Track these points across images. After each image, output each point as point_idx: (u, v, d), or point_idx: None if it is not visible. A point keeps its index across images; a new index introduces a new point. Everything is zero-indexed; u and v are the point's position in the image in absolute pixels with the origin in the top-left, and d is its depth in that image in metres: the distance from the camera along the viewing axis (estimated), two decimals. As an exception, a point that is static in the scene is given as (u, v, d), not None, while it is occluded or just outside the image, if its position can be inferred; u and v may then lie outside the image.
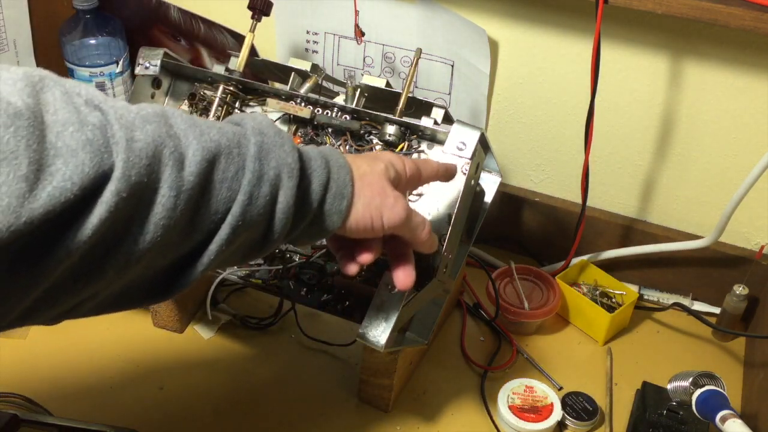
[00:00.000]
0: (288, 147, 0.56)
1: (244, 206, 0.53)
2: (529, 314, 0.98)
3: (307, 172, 0.58)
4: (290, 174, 0.56)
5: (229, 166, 0.52)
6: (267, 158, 0.55)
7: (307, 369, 0.93)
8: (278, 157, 0.55)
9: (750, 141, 0.94)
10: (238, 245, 0.55)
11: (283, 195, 0.55)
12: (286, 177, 0.55)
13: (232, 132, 0.54)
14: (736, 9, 0.80)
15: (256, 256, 0.59)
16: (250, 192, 0.53)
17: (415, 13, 1.00)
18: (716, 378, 0.80)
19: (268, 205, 0.55)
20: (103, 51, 1.18)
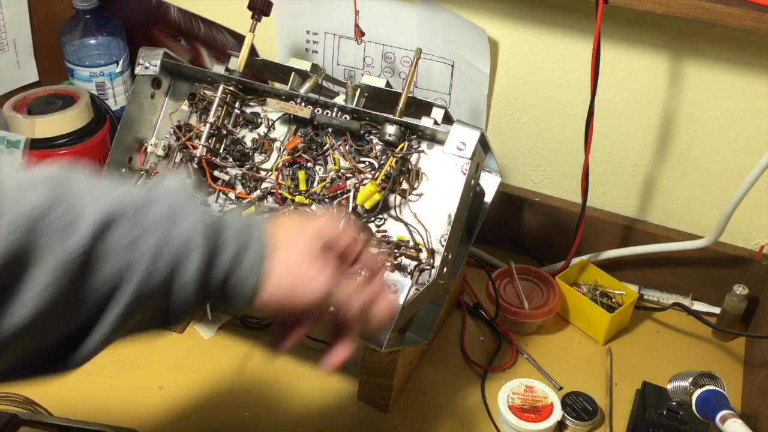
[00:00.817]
0: (198, 215, 0.51)
1: (141, 279, 0.48)
2: (529, 314, 0.98)
3: (218, 243, 0.52)
4: (197, 245, 0.50)
5: (128, 231, 0.48)
6: (174, 226, 0.50)
7: (307, 369, 0.93)
8: (187, 226, 0.50)
9: (750, 141, 0.94)
10: (137, 320, 0.50)
11: (186, 267, 0.50)
12: (191, 248, 0.50)
13: (140, 194, 0.50)
14: (736, 9, 0.80)
15: (163, 328, 0.54)
16: (150, 263, 0.48)
17: (415, 13, 1.00)
18: (716, 378, 0.80)
19: (168, 278, 0.50)
20: (103, 51, 1.18)
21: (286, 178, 0.86)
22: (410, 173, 0.82)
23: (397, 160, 0.81)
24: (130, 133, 0.90)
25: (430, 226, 0.81)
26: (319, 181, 0.85)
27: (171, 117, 0.92)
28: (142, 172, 0.91)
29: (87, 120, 1.08)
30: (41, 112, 1.04)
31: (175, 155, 0.91)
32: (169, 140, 0.91)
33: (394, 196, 0.82)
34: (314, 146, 0.86)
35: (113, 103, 1.20)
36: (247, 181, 0.88)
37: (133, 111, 0.89)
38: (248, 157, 0.89)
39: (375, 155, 0.83)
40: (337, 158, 0.84)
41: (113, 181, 0.51)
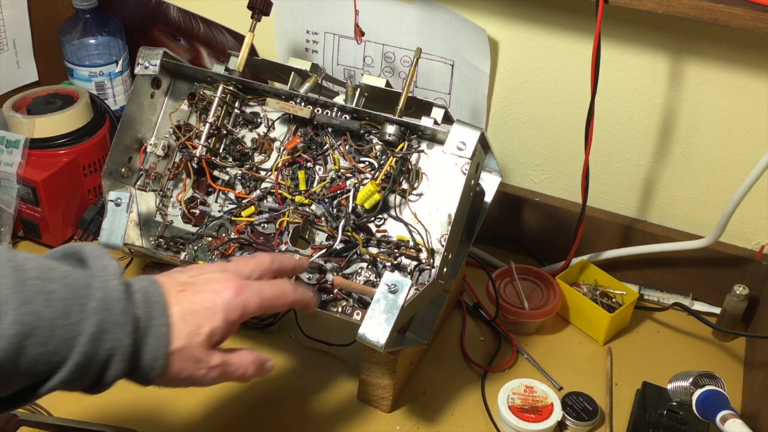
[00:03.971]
0: (130, 326, 0.55)
1: (64, 381, 0.53)
2: (529, 314, 0.98)
3: (135, 346, 0.57)
4: (123, 357, 0.55)
5: (50, 339, 0.51)
6: (104, 339, 0.54)
7: (307, 369, 0.93)
8: (115, 338, 0.55)
9: (750, 141, 0.94)
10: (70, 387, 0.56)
11: (110, 374, 0.56)
12: (118, 360, 0.55)
13: (68, 300, 0.53)
14: (737, 9, 0.80)
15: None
16: (74, 372, 0.53)
17: (415, 13, 1.00)
18: (716, 378, 0.80)
19: (92, 379, 0.55)
20: (103, 51, 1.18)
21: (286, 178, 0.86)
22: (410, 173, 0.82)
23: (397, 160, 0.81)
24: (129, 133, 0.89)
25: (430, 226, 0.81)
26: (319, 180, 0.84)
27: (171, 117, 0.92)
28: (141, 172, 0.91)
29: (86, 120, 1.08)
30: (41, 112, 1.04)
31: (174, 155, 0.91)
32: (169, 140, 0.91)
33: (394, 196, 0.82)
34: (314, 146, 0.86)
35: (113, 103, 1.20)
36: (247, 181, 0.88)
37: (133, 111, 0.89)
38: (248, 156, 0.89)
39: (375, 155, 0.83)
40: (337, 158, 0.84)
41: (41, 279, 0.53)
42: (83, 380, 0.55)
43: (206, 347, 0.61)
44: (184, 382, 0.62)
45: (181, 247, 0.89)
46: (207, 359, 0.61)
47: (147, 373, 0.58)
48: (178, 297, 0.60)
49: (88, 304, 0.54)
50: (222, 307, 0.62)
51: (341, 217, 0.82)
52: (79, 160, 1.06)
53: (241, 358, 0.65)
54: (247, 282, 0.65)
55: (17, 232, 1.07)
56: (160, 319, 0.58)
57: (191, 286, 0.62)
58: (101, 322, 0.54)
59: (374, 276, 0.81)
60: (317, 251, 0.82)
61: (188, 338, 0.60)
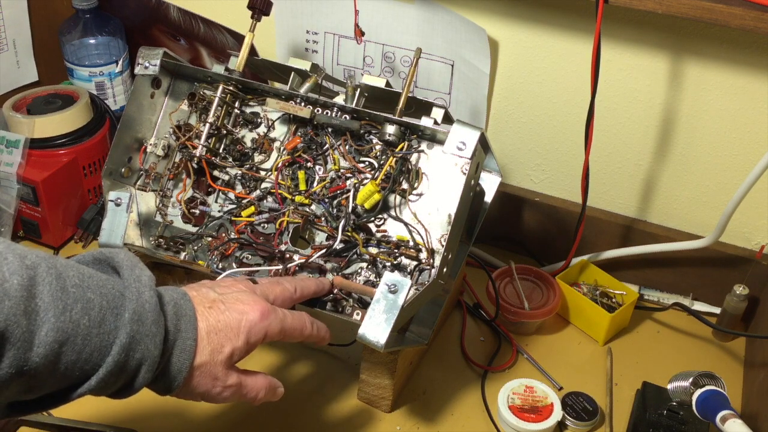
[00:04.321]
0: (159, 337, 0.57)
1: (93, 388, 0.55)
2: (529, 314, 0.98)
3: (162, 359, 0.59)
4: (151, 366, 0.57)
5: (85, 346, 0.53)
6: (135, 349, 0.56)
7: (307, 369, 0.93)
8: (146, 348, 0.57)
9: (750, 141, 0.94)
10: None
11: (138, 383, 0.58)
12: (145, 369, 0.57)
13: (103, 309, 0.55)
14: (737, 9, 0.80)
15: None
16: (105, 379, 0.55)
17: (415, 13, 1.00)
18: (716, 378, 0.80)
19: (120, 385, 0.58)
20: (103, 51, 1.18)
21: (286, 178, 0.86)
22: (410, 173, 0.82)
23: (397, 160, 0.81)
24: (129, 133, 0.89)
25: (430, 226, 0.81)
26: (319, 180, 0.84)
27: (171, 117, 0.91)
28: (141, 172, 0.91)
29: (86, 120, 1.08)
30: (41, 112, 1.04)
31: (174, 155, 0.91)
32: (169, 140, 0.91)
33: (394, 196, 0.82)
34: (314, 146, 0.86)
35: (113, 103, 1.20)
36: (247, 181, 0.88)
37: (133, 111, 0.89)
38: (248, 156, 0.89)
39: (375, 155, 0.83)
40: (337, 158, 0.84)
41: (79, 287, 0.54)
42: (113, 386, 0.57)
43: (225, 366, 0.63)
44: (199, 397, 0.64)
45: (181, 247, 0.89)
46: (224, 378, 0.63)
47: (169, 383, 0.60)
48: (205, 313, 0.63)
49: (123, 315, 0.55)
50: (246, 328, 0.64)
51: (341, 217, 0.82)
52: (79, 160, 1.06)
53: (255, 382, 0.67)
54: (272, 307, 0.67)
55: (17, 232, 1.07)
56: (187, 333, 0.60)
57: (219, 303, 0.64)
58: (134, 332, 0.55)
59: (374, 276, 0.81)
60: (317, 251, 0.82)
61: (211, 355, 0.62)
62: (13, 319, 0.48)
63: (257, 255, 0.85)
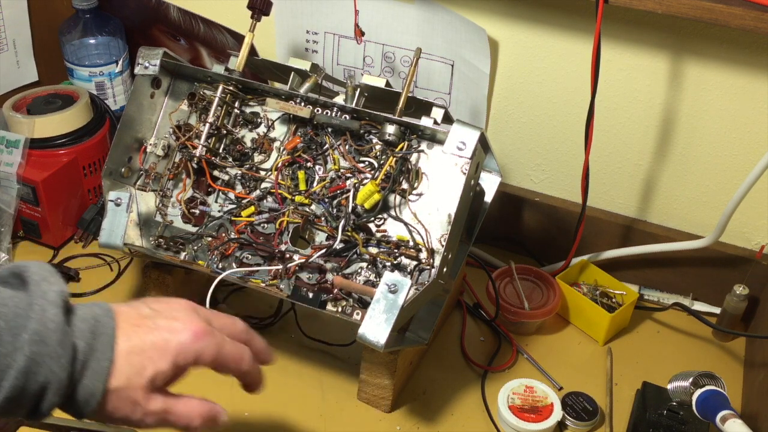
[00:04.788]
0: (65, 359, 0.53)
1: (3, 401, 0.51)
2: (529, 314, 0.98)
3: (73, 375, 0.55)
4: (58, 390, 0.53)
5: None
6: (37, 372, 0.52)
7: (307, 369, 0.93)
8: (49, 371, 0.52)
9: (750, 141, 0.94)
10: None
11: (45, 405, 0.54)
12: (51, 392, 0.53)
13: (1, 329, 0.50)
14: (737, 9, 0.80)
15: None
16: (3, 404, 0.51)
17: (415, 13, 1.00)
18: (716, 378, 0.80)
19: (24, 411, 0.53)
20: (103, 51, 1.18)
21: (286, 177, 0.86)
22: (410, 173, 0.82)
23: (396, 160, 0.81)
24: (129, 133, 0.89)
25: (430, 226, 0.81)
26: (319, 180, 0.84)
27: (170, 117, 0.91)
28: (141, 172, 0.91)
29: (86, 120, 1.08)
30: (41, 112, 1.04)
31: (174, 155, 0.91)
32: (169, 140, 0.91)
33: (394, 195, 0.82)
34: (314, 146, 0.86)
35: (113, 103, 1.20)
36: (247, 181, 0.88)
37: (133, 111, 0.89)
38: (248, 156, 0.89)
39: (375, 155, 0.83)
40: (337, 158, 0.84)
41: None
42: (16, 411, 0.53)
43: (147, 390, 0.57)
44: (120, 422, 0.58)
45: (181, 247, 0.89)
46: (145, 403, 0.57)
47: (81, 407, 0.56)
48: (129, 332, 0.57)
49: (22, 335, 0.51)
50: (174, 350, 0.58)
51: (341, 217, 0.82)
52: (79, 160, 1.06)
53: (186, 407, 0.60)
54: (211, 329, 0.61)
55: (17, 232, 1.07)
56: (103, 353, 0.55)
57: (149, 321, 0.59)
58: (33, 354, 0.51)
59: (374, 276, 0.81)
60: (317, 251, 0.82)
61: (128, 379, 0.56)
62: None
63: (257, 255, 0.85)
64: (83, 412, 0.56)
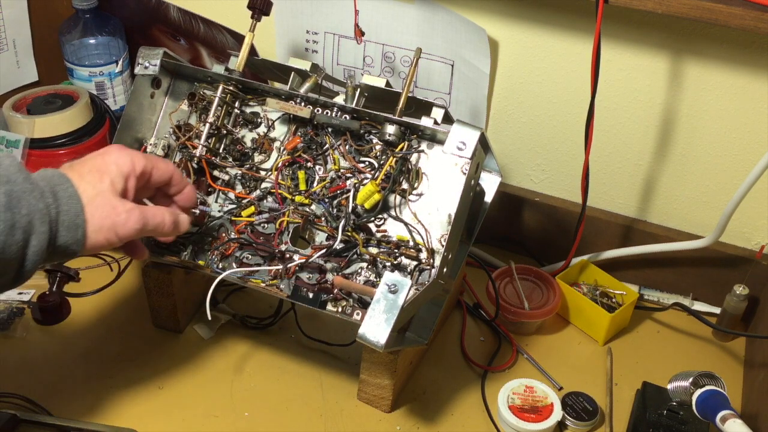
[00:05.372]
0: (37, 192, 0.61)
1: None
2: (529, 314, 0.98)
3: (51, 220, 0.62)
4: (42, 219, 0.60)
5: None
6: (18, 206, 0.59)
7: (307, 369, 0.93)
8: (29, 204, 0.60)
9: (750, 141, 0.94)
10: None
11: (35, 239, 0.60)
12: (38, 222, 0.60)
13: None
14: (737, 9, 0.80)
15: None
16: (2, 241, 0.58)
17: (415, 13, 1.00)
18: (716, 378, 0.80)
19: (20, 250, 0.60)
20: (103, 50, 1.18)
21: (286, 177, 0.86)
22: (410, 173, 0.82)
23: (397, 160, 0.81)
24: (129, 133, 0.89)
25: (430, 226, 0.81)
26: (319, 180, 0.84)
27: (171, 117, 0.92)
28: (141, 172, 0.91)
29: (86, 120, 1.08)
30: (41, 112, 1.04)
31: (174, 155, 0.91)
32: (169, 140, 0.91)
33: (394, 196, 0.82)
34: (314, 146, 0.86)
35: (113, 103, 1.20)
36: (247, 181, 0.88)
37: (133, 111, 0.89)
38: (248, 156, 0.89)
39: (375, 155, 0.83)
40: (337, 158, 0.84)
41: None
42: (11, 249, 0.59)
43: (115, 194, 0.67)
44: (110, 232, 0.66)
45: (181, 247, 0.89)
46: (122, 204, 0.67)
47: (73, 230, 0.63)
48: (69, 170, 0.67)
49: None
50: (113, 162, 0.68)
51: (341, 217, 0.82)
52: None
53: (155, 209, 0.72)
54: (131, 150, 0.71)
55: (17, 232, 1.07)
56: (63, 185, 0.64)
57: (78, 163, 0.69)
58: (8, 192, 0.59)
59: (374, 276, 0.81)
60: (317, 251, 0.82)
61: (95, 189, 0.66)
62: None
63: (257, 255, 0.85)
64: (78, 237, 0.64)
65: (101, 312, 0.98)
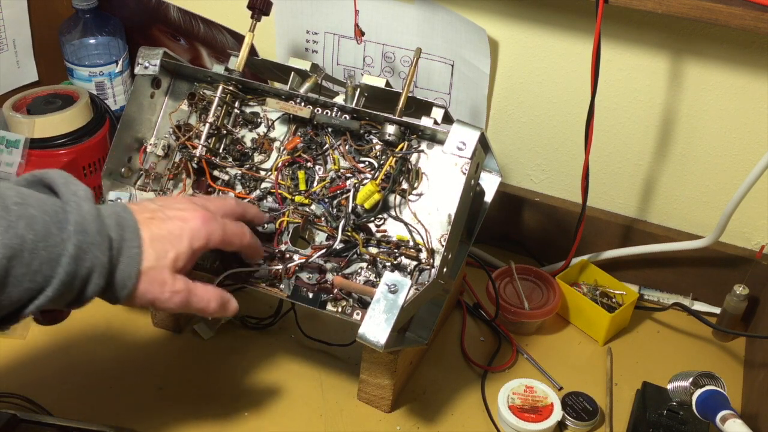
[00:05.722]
0: (105, 245, 0.61)
1: (50, 299, 0.58)
2: (529, 314, 0.98)
3: (112, 262, 0.63)
4: (101, 273, 0.61)
5: (33, 260, 0.56)
6: (84, 258, 0.59)
7: (307, 369, 0.93)
8: (94, 257, 0.60)
9: (750, 141, 0.94)
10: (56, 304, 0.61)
11: (90, 290, 0.61)
12: (97, 275, 0.61)
13: (46, 224, 0.57)
14: (737, 9, 0.80)
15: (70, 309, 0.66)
16: (60, 289, 0.58)
17: (415, 13, 1.00)
18: (716, 378, 0.80)
19: (74, 295, 0.61)
20: (103, 51, 1.18)
21: (286, 177, 0.86)
22: (410, 173, 0.82)
23: (396, 160, 0.81)
24: (129, 133, 0.89)
25: (430, 226, 0.81)
26: (319, 180, 0.84)
27: (170, 117, 0.91)
28: (141, 172, 0.91)
29: (86, 120, 1.08)
30: (41, 112, 1.04)
31: (174, 155, 0.91)
32: (169, 140, 0.91)
33: (394, 196, 0.82)
34: (314, 146, 0.86)
35: (113, 103, 1.20)
36: (247, 181, 0.88)
37: (133, 111, 0.89)
38: (248, 156, 0.89)
39: (375, 155, 0.83)
40: (337, 158, 0.84)
41: (21, 205, 0.57)
42: (66, 297, 0.60)
43: (172, 270, 0.66)
44: (149, 303, 0.66)
45: (181, 247, 0.89)
46: (172, 283, 0.66)
47: (119, 290, 0.64)
48: (147, 223, 0.66)
49: (67, 227, 0.59)
50: (188, 234, 0.67)
51: (341, 217, 0.82)
52: (79, 160, 1.06)
53: (204, 291, 0.70)
54: (213, 215, 0.70)
55: (17, 232, 1.07)
56: (132, 242, 0.64)
57: (160, 214, 0.67)
58: (80, 242, 0.59)
59: (374, 276, 0.81)
60: (317, 251, 0.82)
61: (156, 260, 0.65)
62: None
63: (257, 255, 0.85)
64: (120, 296, 0.64)
65: (101, 312, 0.98)
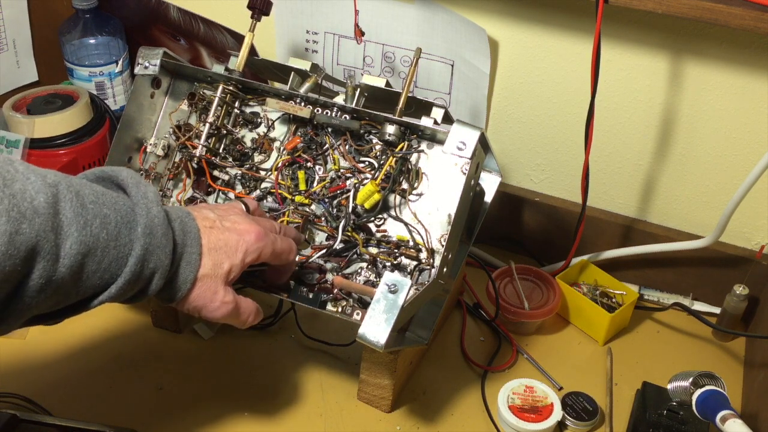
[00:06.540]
0: (169, 248, 0.63)
1: (113, 296, 0.61)
2: (529, 314, 0.98)
3: (173, 266, 0.66)
4: (162, 275, 0.63)
5: (104, 258, 0.59)
6: (149, 260, 0.62)
7: (307, 369, 0.93)
8: (158, 259, 0.63)
9: (750, 141, 0.94)
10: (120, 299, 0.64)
11: (151, 289, 0.64)
12: (158, 277, 0.63)
13: (118, 224, 0.60)
14: (737, 9, 0.80)
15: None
16: (124, 287, 0.61)
17: (414, 13, 1.00)
18: (716, 378, 0.80)
19: (136, 294, 0.64)
20: (103, 50, 1.18)
21: (286, 177, 0.86)
22: (410, 173, 0.82)
23: (396, 160, 0.81)
24: (129, 133, 0.89)
25: (430, 226, 0.81)
26: (319, 180, 0.85)
27: (170, 117, 0.92)
28: (141, 172, 0.91)
29: (86, 120, 1.08)
30: (41, 112, 1.04)
31: (174, 155, 0.91)
32: (169, 140, 0.91)
33: (394, 195, 0.82)
34: (314, 146, 0.86)
35: (113, 103, 1.20)
36: (247, 181, 0.88)
37: (133, 111, 0.89)
38: (248, 156, 0.89)
39: (375, 155, 0.83)
40: (337, 158, 0.84)
41: (96, 203, 0.59)
42: (128, 293, 0.63)
43: (224, 282, 0.69)
44: (197, 311, 0.69)
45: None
46: (223, 294, 0.69)
47: (175, 292, 0.66)
48: (207, 232, 0.68)
49: (136, 229, 0.61)
50: (243, 248, 0.69)
51: (341, 217, 0.82)
52: (79, 160, 1.06)
53: (247, 304, 0.73)
54: (266, 231, 0.72)
55: (17, 232, 1.07)
56: (192, 248, 0.66)
57: (218, 224, 0.70)
58: (147, 245, 0.61)
59: (374, 276, 0.81)
60: (317, 251, 0.82)
61: (212, 269, 0.68)
62: (43, 235, 0.54)
63: (257, 255, 0.85)
64: (174, 298, 0.67)
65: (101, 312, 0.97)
